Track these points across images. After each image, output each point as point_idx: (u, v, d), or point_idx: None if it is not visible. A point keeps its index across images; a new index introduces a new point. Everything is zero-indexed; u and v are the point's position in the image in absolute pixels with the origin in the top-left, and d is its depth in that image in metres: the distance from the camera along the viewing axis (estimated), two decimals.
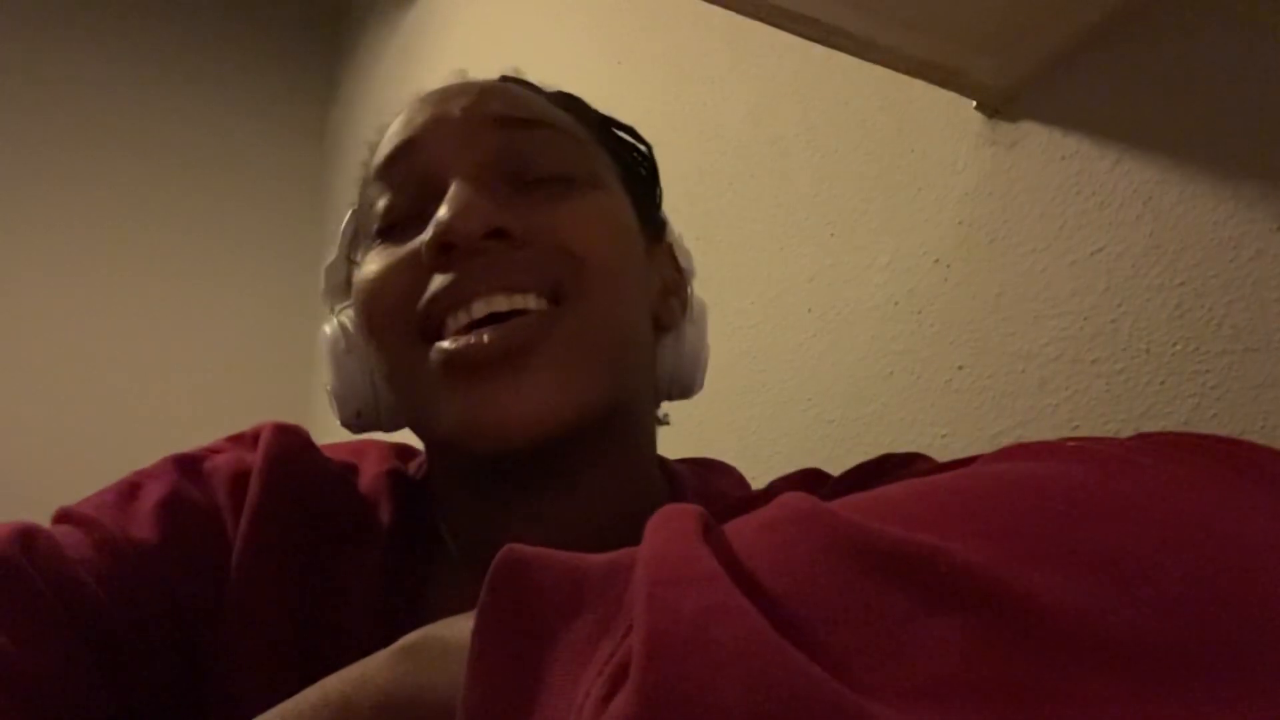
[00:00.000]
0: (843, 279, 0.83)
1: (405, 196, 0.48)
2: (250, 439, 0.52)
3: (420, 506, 0.52)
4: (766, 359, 0.91)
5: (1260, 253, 0.54)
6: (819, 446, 0.51)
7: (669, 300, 0.54)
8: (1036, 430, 0.65)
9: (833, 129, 0.86)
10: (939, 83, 0.69)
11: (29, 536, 0.41)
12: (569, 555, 0.26)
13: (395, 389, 0.48)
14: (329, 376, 0.53)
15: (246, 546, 0.45)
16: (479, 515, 0.49)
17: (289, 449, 0.50)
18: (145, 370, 2.38)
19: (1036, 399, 0.66)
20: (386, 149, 0.49)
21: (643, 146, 0.57)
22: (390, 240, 0.48)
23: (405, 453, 0.57)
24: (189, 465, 0.49)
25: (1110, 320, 0.62)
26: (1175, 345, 0.58)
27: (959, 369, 0.72)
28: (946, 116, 0.75)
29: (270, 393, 2.39)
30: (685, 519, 0.25)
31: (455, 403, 0.43)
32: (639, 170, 0.56)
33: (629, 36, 1.22)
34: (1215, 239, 0.56)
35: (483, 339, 0.42)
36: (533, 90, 0.54)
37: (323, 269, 0.55)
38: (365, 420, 0.53)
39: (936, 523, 0.24)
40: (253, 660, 0.44)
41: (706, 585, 0.21)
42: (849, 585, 0.22)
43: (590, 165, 0.50)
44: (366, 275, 0.48)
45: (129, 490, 0.47)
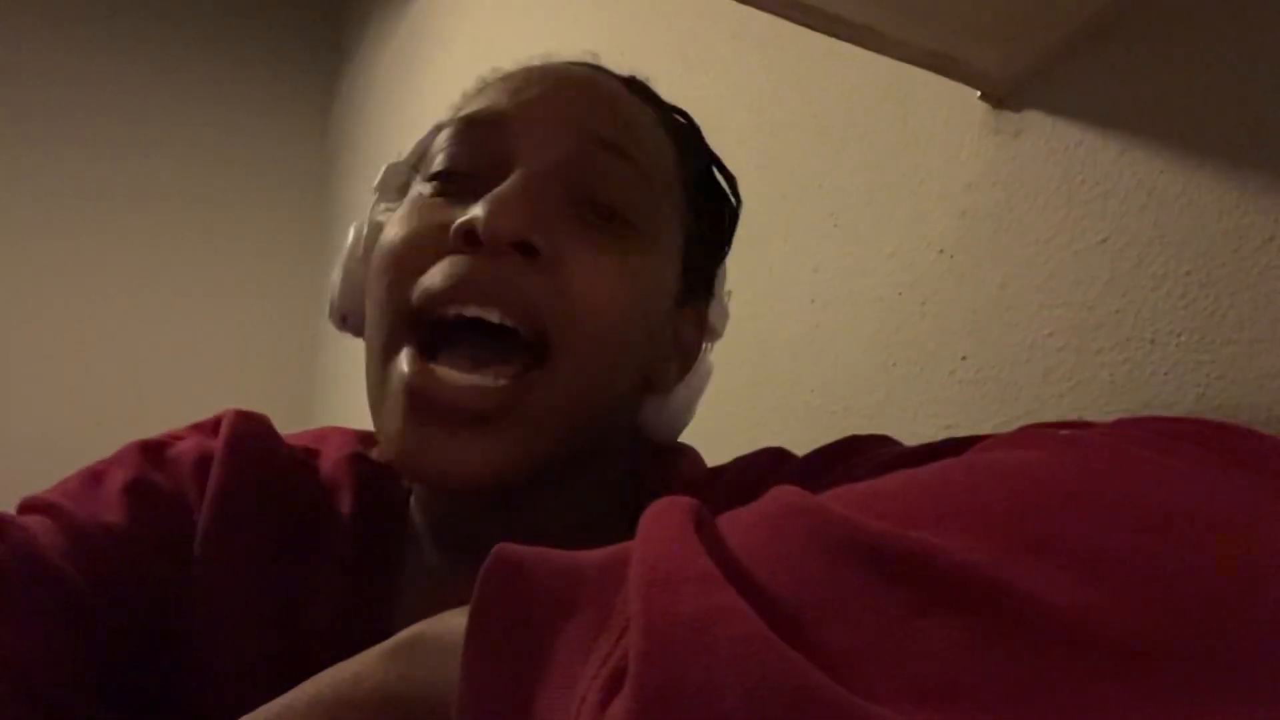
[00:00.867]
0: (846, 270, 0.83)
1: (471, 158, 0.47)
2: (212, 425, 0.52)
3: (384, 489, 0.52)
4: (770, 350, 0.90)
5: (1266, 242, 0.53)
6: (822, 437, 0.51)
7: (669, 363, 0.52)
8: (1040, 420, 0.65)
9: (836, 119, 0.86)
10: (943, 72, 0.69)
11: None
12: (563, 553, 0.25)
13: (367, 346, 0.48)
14: (335, 273, 0.53)
15: (210, 530, 0.46)
16: (446, 511, 0.50)
17: (250, 434, 0.50)
18: (147, 369, 2.39)
19: (1040, 389, 0.66)
20: (476, 106, 0.49)
21: (733, 199, 0.56)
22: (439, 189, 0.47)
23: (368, 438, 0.57)
24: (152, 451, 0.50)
25: (1114, 310, 0.61)
26: (1180, 335, 0.57)
27: (962, 359, 0.72)
28: (950, 106, 0.74)
29: (272, 392, 2.40)
30: (678, 513, 0.25)
31: (405, 433, 0.43)
32: (717, 224, 0.55)
33: (632, 27, 1.22)
34: (1220, 229, 0.56)
35: (451, 390, 0.42)
36: (652, 104, 0.52)
37: (384, 167, 0.54)
38: (350, 327, 0.54)
39: (933, 517, 0.24)
40: (223, 644, 0.44)
41: (703, 585, 0.21)
42: (847, 584, 0.22)
43: (659, 212, 0.49)
44: (397, 221, 0.47)
45: (93, 477, 0.47)
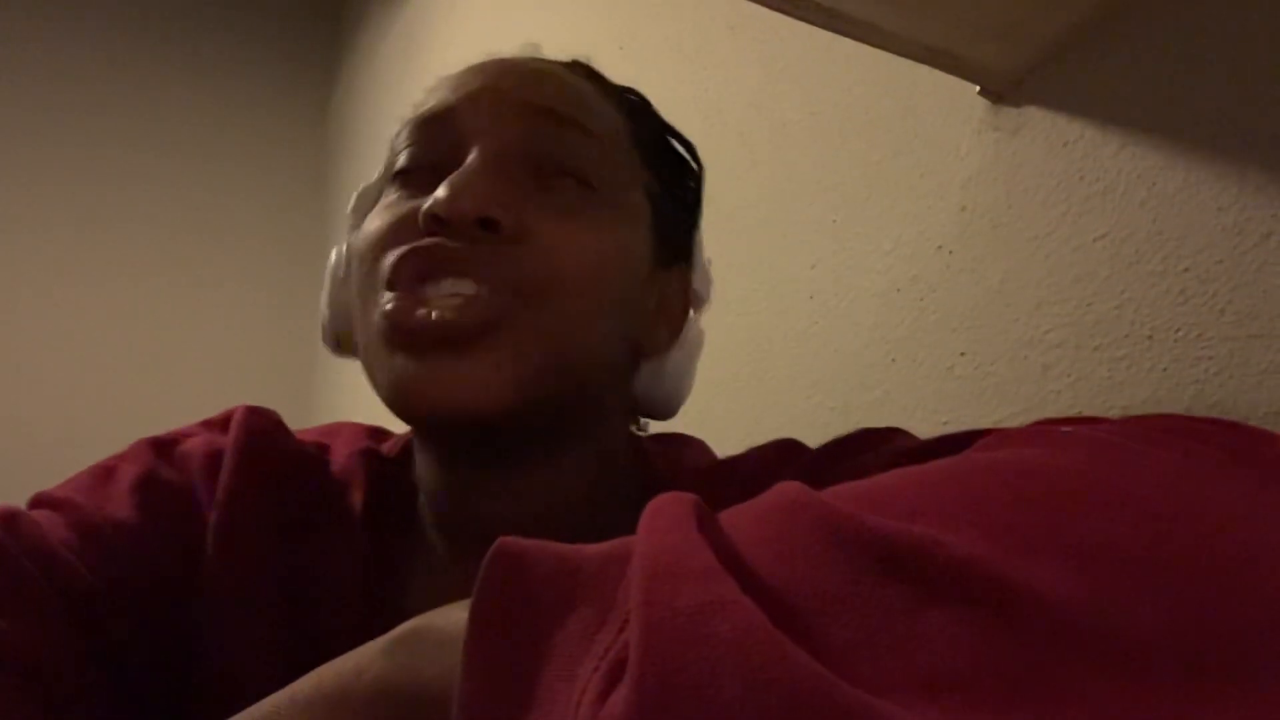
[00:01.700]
0: (845, 265, 0.83)
1: (428, 153, 0.48)
2: (222, 422, 0.52)
3: (394, 485, 0.52)
4: (768, 346, 0.90)
5: (1264, 238, 0.54)
6: (821, 433, 0.51)
7: (657, 328, 0.52)
8: (1039, 417, 0.65)
9: (835, 115, 0.86)
10: (942, 68, 0.69)
11: (10, 519, 0.41)
12: (564, 546, 0.25)
13: (356, 335, 0.48)
14: (323, 297, 0.54)
15: (221, 525, 0.46)
16: (447, 487, 0.49)
17: (260, 430, 0.50)
18: (146, 362, 2.38)
19: (1039, 385, 0.66)
20: (427, 105, 0.49)
21: (695, 165, 0.57)
22: (404, 186, 0.48)
23: (378, 433, 0.57)
24: (162, 447, 0.50)
25: (1114, 306, 0.61)
26: (1178, 331, 0.57)
27: (961, 355, 0.72)
28: (950, 102, 0.74)
29: (272, 384, 2.40)
30: (680, 508, 0.25)
31: (393, 369, 0.43)
32: (682, 190, 0.55)
33: (632, 21, 1.22)
34: (1219, 225, 0.56)
35: (429, 315, 0.42)
36: (597, 83, 0.53)
37: (355, 194, 0.55)
38: (345, 350, 0.54)
39: (934, 513, 0.24)
40: (233, 638, 0.45)
41: (703, 579, 0.21)
42: (848, 578, 0.22)
43: (618, 178, 0.49)
44: (370, 220, 0.48)
45: (103, 473, 0.48)
